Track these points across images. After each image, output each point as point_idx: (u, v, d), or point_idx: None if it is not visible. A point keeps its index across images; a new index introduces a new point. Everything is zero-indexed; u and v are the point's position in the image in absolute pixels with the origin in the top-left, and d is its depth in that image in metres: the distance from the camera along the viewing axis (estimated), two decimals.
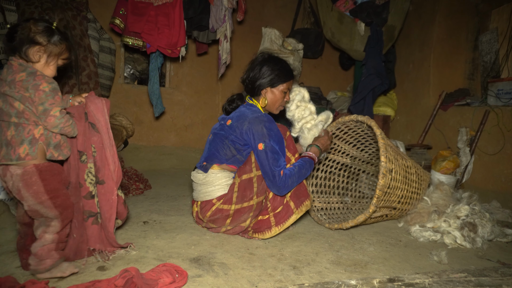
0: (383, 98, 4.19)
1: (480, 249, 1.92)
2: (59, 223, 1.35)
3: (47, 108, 1.31)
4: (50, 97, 1.32)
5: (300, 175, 1.81)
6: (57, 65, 1.46)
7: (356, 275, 1.49)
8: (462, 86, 3.79)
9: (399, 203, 2.15)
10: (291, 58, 3.88)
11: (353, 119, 2.18)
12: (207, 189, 1.87)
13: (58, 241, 1.36)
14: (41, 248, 1.32)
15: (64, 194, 1.38)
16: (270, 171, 1.75)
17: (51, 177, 1.35)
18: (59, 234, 1.36)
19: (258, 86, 1.92)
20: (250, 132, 1.77)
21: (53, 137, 1.37)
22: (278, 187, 1.76)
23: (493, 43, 3.50)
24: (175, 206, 2.49)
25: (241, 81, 2.01)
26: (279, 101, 1.96)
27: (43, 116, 1.32)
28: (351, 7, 3.74)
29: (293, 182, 1.78)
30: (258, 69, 1.91)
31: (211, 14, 3.42)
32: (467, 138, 3.33)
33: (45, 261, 1.31)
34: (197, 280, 1.37)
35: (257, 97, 1.96)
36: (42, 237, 1.33)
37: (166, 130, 4.27)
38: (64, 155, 1.41)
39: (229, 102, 2.03)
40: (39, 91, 1.31)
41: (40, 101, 1.31)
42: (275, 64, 1.92)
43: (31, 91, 1.31)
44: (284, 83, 1.93)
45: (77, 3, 2.91)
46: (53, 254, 1.33)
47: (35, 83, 1.32)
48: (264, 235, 1.84)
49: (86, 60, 2.79)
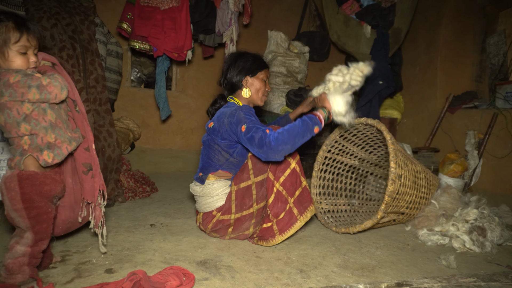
0: (390, 101, 4.17)
1: (489, 254, 1.90)
2: (31, 235, 1.28)
3: (37, 84, 1.25)
4: (29, 80, 1.24)
5: (292, 131, 1.60)
6: (20, 53, 1.29)
7: (364, 279, 1.48)
8: (470, 89, 3.75)
9: (407, 208, 2.14)
10: (297, 61, 3.88)
11: (362, 122, 2.17)
12: (206, 200, 1.86)
13: (31, 255, 1.28)
14: (12, 261, 1.26)
15: (40, 207, 1.31)
16: (258, 139, 1.60)
17: (29, 187, 1.28)
18: (31, 248, 1.29)
19: (238, 79, 1.91)
20: (231, 124, 1.72)
21: (40, 140, 1.29)
22: (268, 143, 1.57)
23: (501, 45, 3.47)
24: (181, 209, 2.50)
25: (218, 84, 2.01)
26: (261, 90, 1.93)
27: (44, 91, 1.26)
28: (357, 10, 3.73)
29: (284, 137, 1.57)
30: (233, 65, 1.92)
31: (217, 18, 3.44)
32: (475, 141, 3.30)
33: (16, 276, 1.25)
34: (204, 283, 1.37)
35: (238, 91, 1.93)
36: (12, 248, 1.28)
37: (172, 133, 4.29)
38: (60, 156, 1.33)
39: (212, 104, 2.02)
40: (14, 84, 1.22)
41: (26, 86, 1.23)
42: (247, 55, 1.94)
43: (6, 92, 1.23)
44: (262, 70, 1.93)
45: (85, 8, 2.94)
46: (25, 270, 1.27)
47: (4, 81, 1.23)
48: (268, 243, 1.81)
49: (93, 64, 2.81)
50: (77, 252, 1.64)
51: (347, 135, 2.37)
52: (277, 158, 1.62)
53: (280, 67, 3.83)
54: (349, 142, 2.43)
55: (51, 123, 1.32)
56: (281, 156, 1.61)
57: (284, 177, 1.76)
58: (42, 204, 1.32)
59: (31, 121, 1.29)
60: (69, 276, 1.39)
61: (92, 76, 2.80)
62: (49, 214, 1.34)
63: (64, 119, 1.39)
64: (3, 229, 1.87)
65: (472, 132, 3.33)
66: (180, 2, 3.25)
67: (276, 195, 1.76)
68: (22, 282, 1.26)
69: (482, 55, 3.73)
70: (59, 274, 1.40)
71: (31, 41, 1.31)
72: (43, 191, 1.32)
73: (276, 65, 3.82)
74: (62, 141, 1.34)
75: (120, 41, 3.57)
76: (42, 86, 1.26)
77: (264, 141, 1.58)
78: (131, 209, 2.44)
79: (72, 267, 1.48)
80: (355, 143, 2.46)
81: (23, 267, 1.27)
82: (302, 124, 1.63)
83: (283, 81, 3.86)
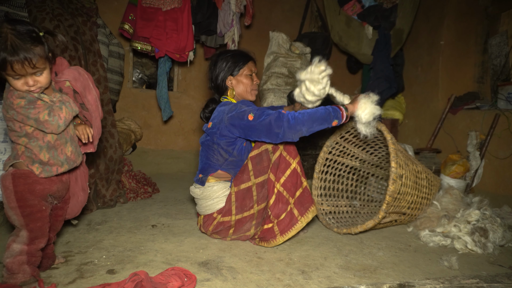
0: (391, 102, 4.16)
1: (492, 255, 1.89)
2: (26, 233, 1.29)
3: (35, 118, 1.25)
4: (31, 109, 1.24)
5: (313, 115, 1.59)
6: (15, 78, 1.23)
7: (366, 280, 1.48)
8: (472, 90, 3.75)
9: (409, 208, 2.13)
10: (298, 62, 3.88)
11: None
12: (206, 203, 1.86)
13: (28, 253, 1.28)
14: (11, 260, 1.26)
15: (33, 206, 1.31)
16: (275, 119, 1.59)
17: (22, 185, 1.29)
18: (28, 246, 1.28)
19: (222, 80, 1.91)
20: (232, 119, 1.71)
21: (34, 155, 1.30)
22: (287, 121, 1.57)
23: (503, 46, 3.47)
24: (183, 209, 2.50)
25: (209, 88, 2.02)
26: (248, 85, 1.93)
27: (41, 126, 1.26)
28: (358, 11, 3.73)
29: (304, 117, 1.58)
30: (214, 67, 1.93)
31: (219, 19, 3.44)
32: (477, 142, 3.30)
33: (17, 275, 1.25)
34: (206, 284, 1.37)
35: (226, 92, 1.94)
36: (9, 246, 1.28)
37: (174, 134, 4.29)
38: (48, 173, 1.33)
39: (204, 108, 2.02)
40: (16, 108, 1.24)
41: (26, 116, 1.24)
42: (227, 53, 1.94)
43: (10, 112, 1.26)
44: (244, 65, 1.92)
45: (87, 9, 2.95)
46: (25, 269, 1.26)
47: (9, 102, 1.25)
48: (269, 244, 1.80)
49: (95, 65, 2.82)
50: (79, 252, 1.64)
51: (348, 136, 2.37)
52: (293, 138, 1.61)
53: (282, 68, 3.83)
54: (350, 143, 2.43)
55: (49, 144, 1.33)
56: (297, 137, 1.61)
57: (285, 178, 1.74)
58: (36, 203, 1.32)
59: (31, 138, 1.31)
60: (71, 276, 1.39)
61: (94, 77, 2.81)
62: (43, 212, 1.34)
63: (68, 137, 1.39)
64: (5, 230, 1.88)
65: (474, 133, 3.32)
66: (182, 3, 3.26)
67: (277, 196, 1.75)
68: (24, 282, 1.26)
69: (484, 56, 3.73)
70: (61, 275, 1.41)
71: (26, 68, 1.21)
72: (36, 190, 1.32)
73: (278, 66, 3.82)
74: (55, 163, 1.35)
75: (122, 42, 3.58)
76: (39, 121, 1.26)
77: (283, 120, 1.58)
78: (132, 210, 2.45)
79: (74, 267, 1.48)
80: (356, 144, 2.46)
81: (23, 266, 1.26)
82: (324, 112, 1.62)
83: (284, 82, 3.86)
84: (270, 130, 1.61)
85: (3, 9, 2.61)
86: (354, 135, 2.36)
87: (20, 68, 1.20)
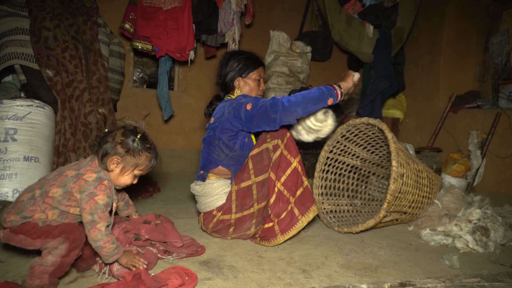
0: (392, 101, 4.16)
1: (493, 254, 1.89)
2: (67, 245, 1.27)
3: (95, 220, 1.27)
4: (100, 210, 1.29)
5: (307, 95, 1.63)
6: (134, 175, 1.42)
7: (367, 279, 1.48)
8: (473, 89, 3.74)
9: (410, 207, 2.13)
10: (299, 61, 3.88)
11: (364, 122, 2.17)
12: (206, 200, 1.86)
13: (59, 266, 1.28)
14: (38, 266, 1.26)
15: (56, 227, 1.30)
16: (270, 105, 1.64)
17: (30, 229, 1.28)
18: (62, 258, 1.28)
19: (230, 79, 1.93)
20: (234, 110, 1.74)
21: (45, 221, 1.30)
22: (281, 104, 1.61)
23: (504, 44, 3.46)
24: (184, 209, 2.50)
25: (215, 84, 2.03)
26: (254, 90, 1.95)
27: (88, 226, 1.27)
28: (359, 10, 3.73)
29: (297, 99, 1.62)
30: (225, 64, 1.95)
31: (219, 18, 3.44)
32: (478, 141, 3.29)
33: (34, 279, 1.25)
34: (207, 283, 1.37)
35: (232, 91, 1.96)
36: (44, 257, 1.27)
37: (175, 133, 4.29)
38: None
39: (208, 105, 2.04)
40: (92, 200, 1.28)
41: (90, 211, 1.27)
42: (241, 54, 1.96)
43: (84, 197, 1.28)
44: (254, 70, 1.94)
45: (88, 9, 2.96)
46: (44, 277, 1.25)
47: (93, 191, 1.29)
48: (270, 243, 1.79)
49: (96, 65, 2.82)
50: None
51: (349, 135, 2.36)
52: (291, 121, 1.64)
53: (282, 67, 3.83)
54: (351, 142, 2.43)
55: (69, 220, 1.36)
56: (294, 119, 1.63)
57: (286, 177, 1.73)
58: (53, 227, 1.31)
59: (63, 217, 1.33)
60: (72, 276, 1.40)
61: (95, 76, 2.81)
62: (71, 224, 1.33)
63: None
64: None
65: (475, 132, 3.32)
66: (182, 3, 3.25)
67: (277, 195, 1.74)
68: (37, 286, 1.25)
69: (485, 54, 3.72)
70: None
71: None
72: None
73: (278, 65, 3.82)
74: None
75: (122, 42, 3.58)
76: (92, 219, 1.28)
77: (277, 105, 1.62)
78: None
79: None
80: (357, 143, 2.45)
81: (43, 275, 1.25)
82: (318, 92, 1.64)
83: (285, 81, 3.86)
84: (268, 116, 1.64)
85: (3, 8, 2.61)
86: (355, 134, 2.36)
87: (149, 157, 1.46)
